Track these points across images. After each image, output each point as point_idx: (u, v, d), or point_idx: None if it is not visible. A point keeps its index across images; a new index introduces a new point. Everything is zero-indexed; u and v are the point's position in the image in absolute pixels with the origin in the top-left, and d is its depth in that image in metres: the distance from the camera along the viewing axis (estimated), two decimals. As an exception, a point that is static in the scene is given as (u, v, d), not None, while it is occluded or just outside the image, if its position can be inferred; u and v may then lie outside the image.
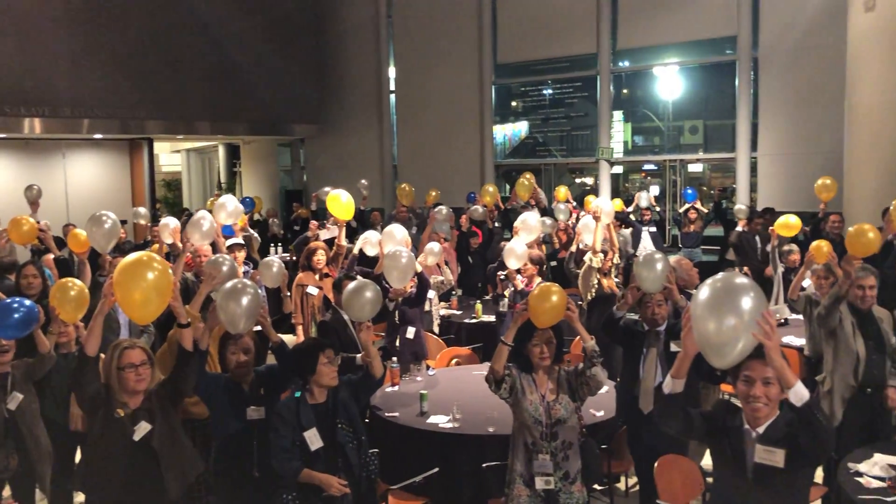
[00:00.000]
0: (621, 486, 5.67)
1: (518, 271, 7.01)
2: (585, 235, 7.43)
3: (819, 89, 11.14)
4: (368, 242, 7.02)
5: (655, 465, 4.34)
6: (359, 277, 5.65)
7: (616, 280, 7.26)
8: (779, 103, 11.88)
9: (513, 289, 6.96)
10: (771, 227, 8.24)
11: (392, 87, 16.53)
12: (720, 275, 2.92)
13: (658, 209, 11.89)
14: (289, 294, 6.78)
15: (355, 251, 7.12)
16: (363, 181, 11.77)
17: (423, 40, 15.64)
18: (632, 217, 11.05)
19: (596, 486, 5.27)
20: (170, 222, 6.79)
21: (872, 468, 4.10)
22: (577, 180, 15.70)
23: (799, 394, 2.76)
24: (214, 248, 6.63)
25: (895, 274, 5.72)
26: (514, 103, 16.06)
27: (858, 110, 9.31)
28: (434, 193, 11.56)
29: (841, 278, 5.01)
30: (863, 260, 5.29)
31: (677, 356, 3.07)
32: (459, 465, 4.72)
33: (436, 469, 4.61)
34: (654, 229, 10.77)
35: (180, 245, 6.36)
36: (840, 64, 9.77)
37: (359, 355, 4.71)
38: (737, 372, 2.95)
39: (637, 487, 5.14)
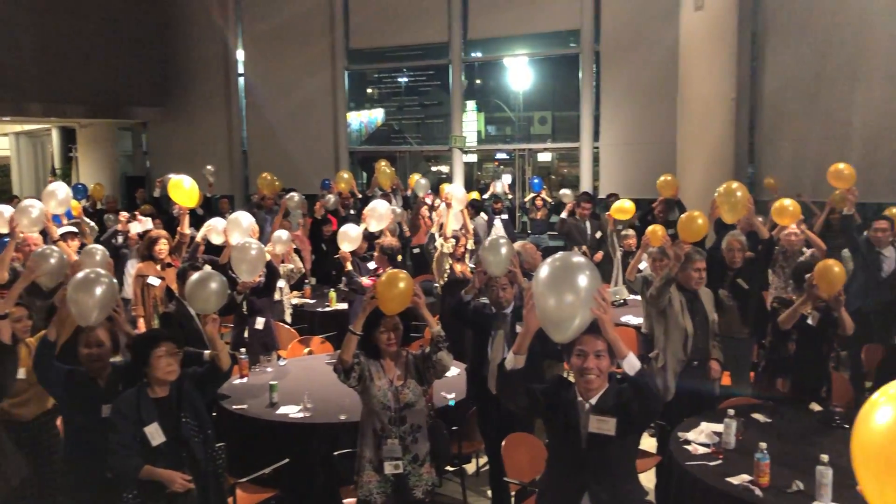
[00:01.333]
0: (472, 466, 5.80)
1: (367, 259, 7.01)
2: (451, 218, 7.57)
3: (655, 83, 11.77)
4: (214, 230, 6.77)
5: (503, 443, 4.46)
6: (206, 267, 5.46)
7: (471, 266, 7.41)
8: (619, 96, 12.48)
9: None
10: (607, 213, 8.66)
11: (241, 71, 16.01)
12: (559, 254, 3.06)
13: (511, 197, 12.24)
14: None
15: (199, 239, 6.84)
16: (209, 167, 11.35)
17: (273, 23, 15.23)
18: (488, 205, 11.30)
19: (448, 468, 5.37)
20: (3, 210, 6.28)
21: (699, 436, 4.41)
22: (434, 168, 15.86)
23: (632, 363, 2.96)
24: (46, 236, 6.21)
25: (720, 255, 6.15)
26: (369, 90, 15.98)
27: (689, 104, 9.94)
28: (277, 183, 11.23)
29: (671, 261, 5.33)
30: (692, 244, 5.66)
31: (519, 332, 3.18)
32: (310, 455, 4.67)
33: (286, 460, 4.53)
34: (505, 217, 11.07)
35: (21, 235, 5.91)
36: (674, 59, 10.37)
37: (206, 351, 4.55)
38: (570, 346, 3.11)
39: (487, 467, 5.28)
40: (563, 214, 9.83)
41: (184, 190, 6.72)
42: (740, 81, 10.34)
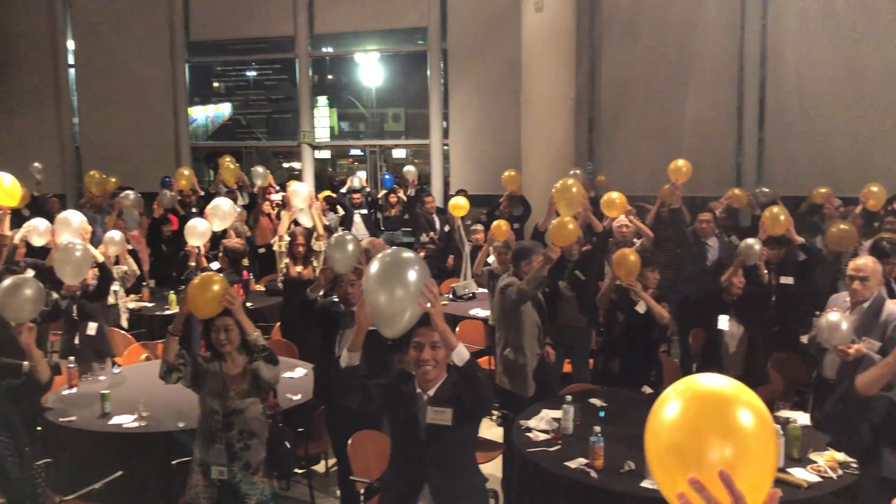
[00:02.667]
0: (321, 467, 5.72)
1: (210, 259, 6.77)
2: (301, 216, 7.43)
3: (500, 82, 12.04)
4: (35, 231, 6.29)
5: (349, 442, 4.42)
6: (28, 271, 5.09)
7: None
8: (466, 94, 12.68)
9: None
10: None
11: (71, 61, 14.99)
12: (389, 250, 3.08)
13: (369, 190, 12.19)
14: None
15: (16, 240, 6.31)
16: (36, 164, 10.57)
17: (105, 10, 14.36)
18: (346, 200, 11.16)
19: (297, 471, 5.27)
20: None
21: (540, 423, 4.56)
22: (286, 164, 15.55)
23: (461, 354, 3.00)
24: None
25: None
26: (215, 83, 15.42)
27: (532, 103, 10.24)
28: (114, 180, 10.62)
29: (541, 264, 5.32)
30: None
31: (352, 330, 3.16)
32: (146, 466, 4.44)
33: (118, 473, 4.28)
34: (364, 212, 10.98)
35: None
36: (517, 59, 10.61)
37: (25, 362, 4.22)
38: (408, 339, 3.13)
39: (336, 467, 5.22)
40: (410, 192, 9.87)
41: (3, 188, 6.19)
42: (579, 82, 10.77)
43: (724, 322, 5.36)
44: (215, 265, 7.00)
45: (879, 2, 10.16)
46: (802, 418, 4.52)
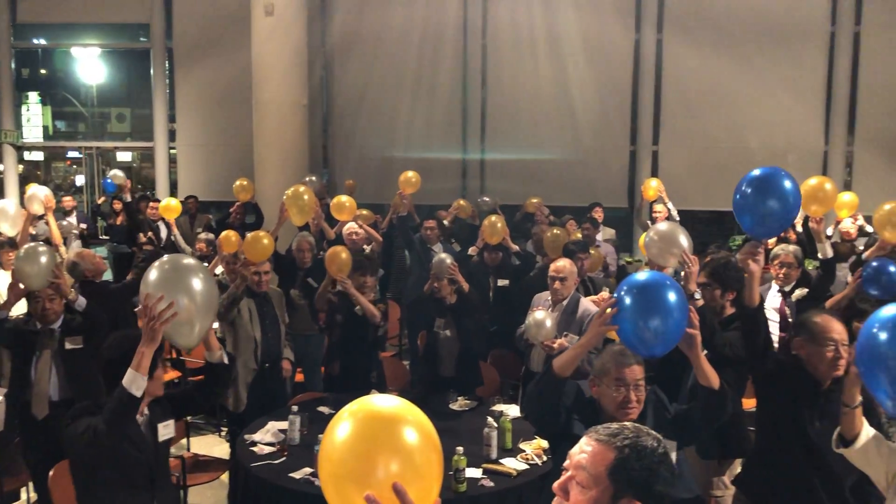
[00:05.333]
0: (22, 503, 5.13)
1: None
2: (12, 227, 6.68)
3: (232, 86, 11.61)
4: None
5: (51, 473, 4.00)
6: None
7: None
8: (194, 96, 12.08)
9: None
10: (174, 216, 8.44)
11: None
12: (166, 257, 2.96)
13: (82, 199, 11.19)
14: None
15: None
16: None
17: None
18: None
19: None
20: None
21: (265, 436, 4.46)
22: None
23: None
24: None
25: (291, 256, 6.34)
26: None
27: (263, 108, 10.04)
28: None
29: (238, 280, 5.30)
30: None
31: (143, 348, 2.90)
32: None
33: None
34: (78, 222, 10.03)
35: None
36: (249, 63, 10.34)
37: None
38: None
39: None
40: (126, 196, 9.27)
41: None
42: (312, 89, 10.75)
43: (439, 325, 5.59)
44: None
45: (589, 27, 11.22)
46: (514, 411, 4.86)
